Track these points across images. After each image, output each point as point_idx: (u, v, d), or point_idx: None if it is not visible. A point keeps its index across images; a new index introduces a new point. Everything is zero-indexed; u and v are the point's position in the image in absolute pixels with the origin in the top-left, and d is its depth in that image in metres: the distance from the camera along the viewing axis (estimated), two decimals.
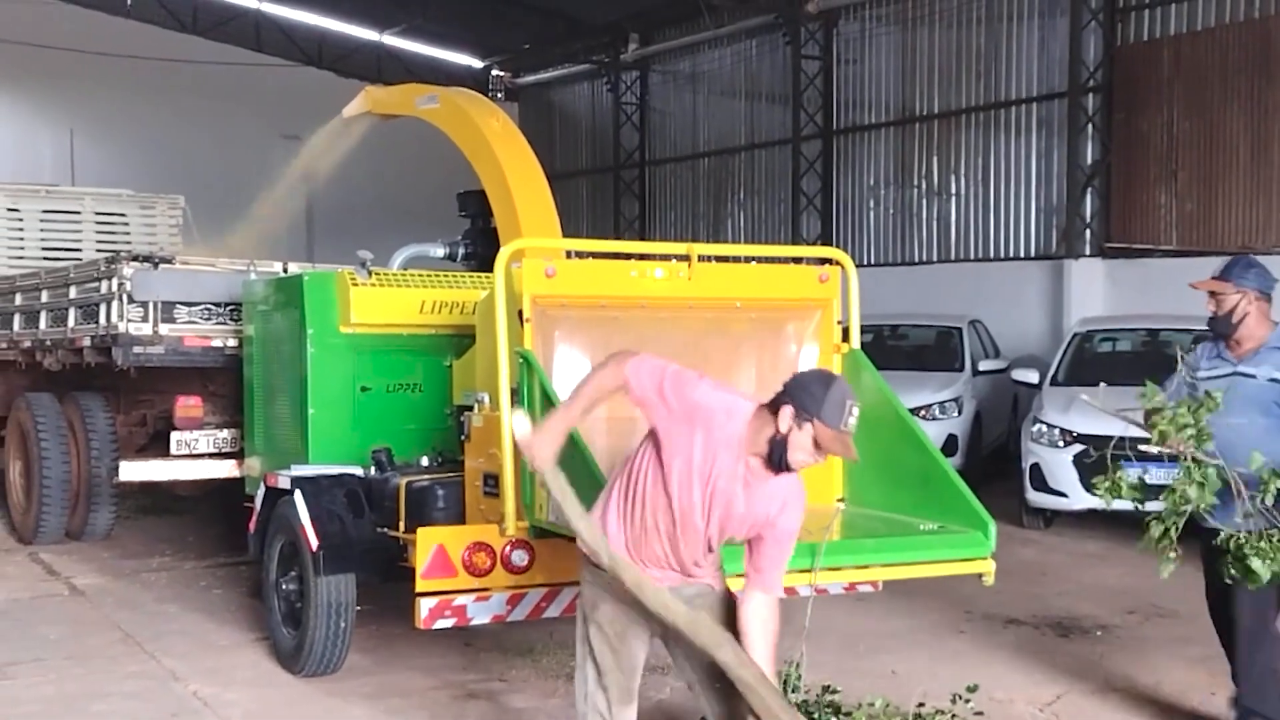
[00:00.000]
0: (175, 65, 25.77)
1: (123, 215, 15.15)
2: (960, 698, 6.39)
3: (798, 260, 8.22)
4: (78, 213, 14.94)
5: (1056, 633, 8.62)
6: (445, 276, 8.50)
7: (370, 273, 8.17)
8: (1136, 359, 13.82)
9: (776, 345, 7.22)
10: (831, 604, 7.70)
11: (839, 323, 7.19)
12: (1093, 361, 13.50)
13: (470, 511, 6.98)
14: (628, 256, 7.30)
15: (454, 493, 7.09)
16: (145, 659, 7.89)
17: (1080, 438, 11.62)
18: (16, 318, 11.71)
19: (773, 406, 4.44)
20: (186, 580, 10.06)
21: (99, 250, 13.93)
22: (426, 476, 7.32)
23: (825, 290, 7.17)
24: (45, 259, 14.02)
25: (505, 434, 5.39)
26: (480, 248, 10.16)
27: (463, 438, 7.03)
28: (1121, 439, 11.34)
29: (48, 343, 11.03)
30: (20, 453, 11.49)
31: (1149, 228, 17.95)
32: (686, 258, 6.82)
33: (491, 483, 6.62)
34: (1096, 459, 6.39)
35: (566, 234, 10.57)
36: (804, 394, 4.41)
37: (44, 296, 11.23)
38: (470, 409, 6.97)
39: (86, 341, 10.22)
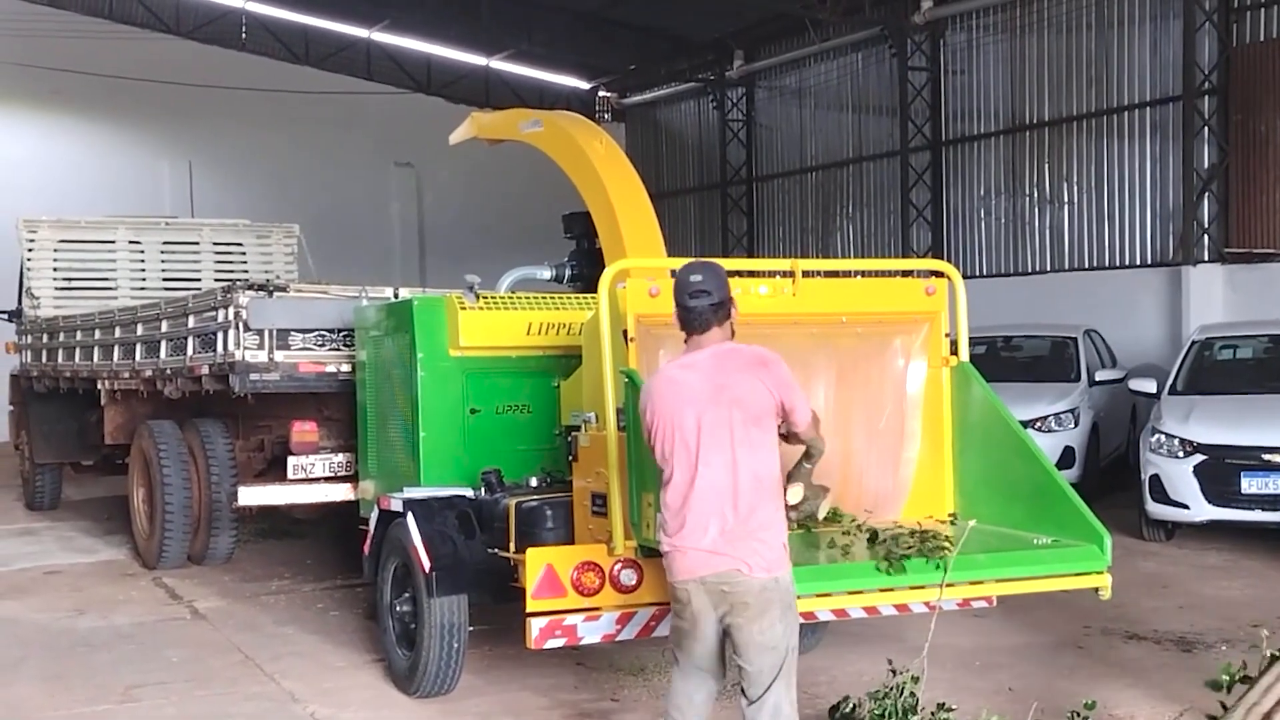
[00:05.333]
0: (289, 96, 26.31)
1: (239, 245, 15.49)
2: (1078, 714, 6.27)
3: (905, 273, 8.14)
4: (196, 243, 15.31)
5: (1179, 648, 8.43)
6: (551, 298, 8.55)
7: (478, 296, 8.24)
8: (1259, 366, 13.51)
9: (883, 359, 7.17)
10: (946, 620, 7.56)
11: (947, 335, 7.12)
12: (1212, 369, 13.21)
13: (579, 531, 7.00)
14: (732, 274, 7.27)
15: (563, 513, 7.11)
16: (265, 680, 8.03)
17: (1201, 448, 11.39)
18: (138, 348, 11.97)
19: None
20: (304, 602, 10.21)
21: (217, 280, 14.24)
22: (535, 497, 7.35)
23: (932, 303, 7.11)
24: (166, 289, 14.35)
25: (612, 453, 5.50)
26: (586, 269, 10.19)
27: (570, 458, 7.06)
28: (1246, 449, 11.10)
29: (168, 371, 11.24)
30: (143, 480, 11.74)
31: (1270, 231, 17.54)
32: (791, 273, 6.81)
33: (599, 502, 6.64)
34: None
35: (675, 252, 10.54)
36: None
37: (164, 326, 11.46)
38: (578, 429, 6.99)
39: (205, 369, 10.41)
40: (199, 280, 14.72)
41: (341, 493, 10.25)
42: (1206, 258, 17.96)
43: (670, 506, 5.15)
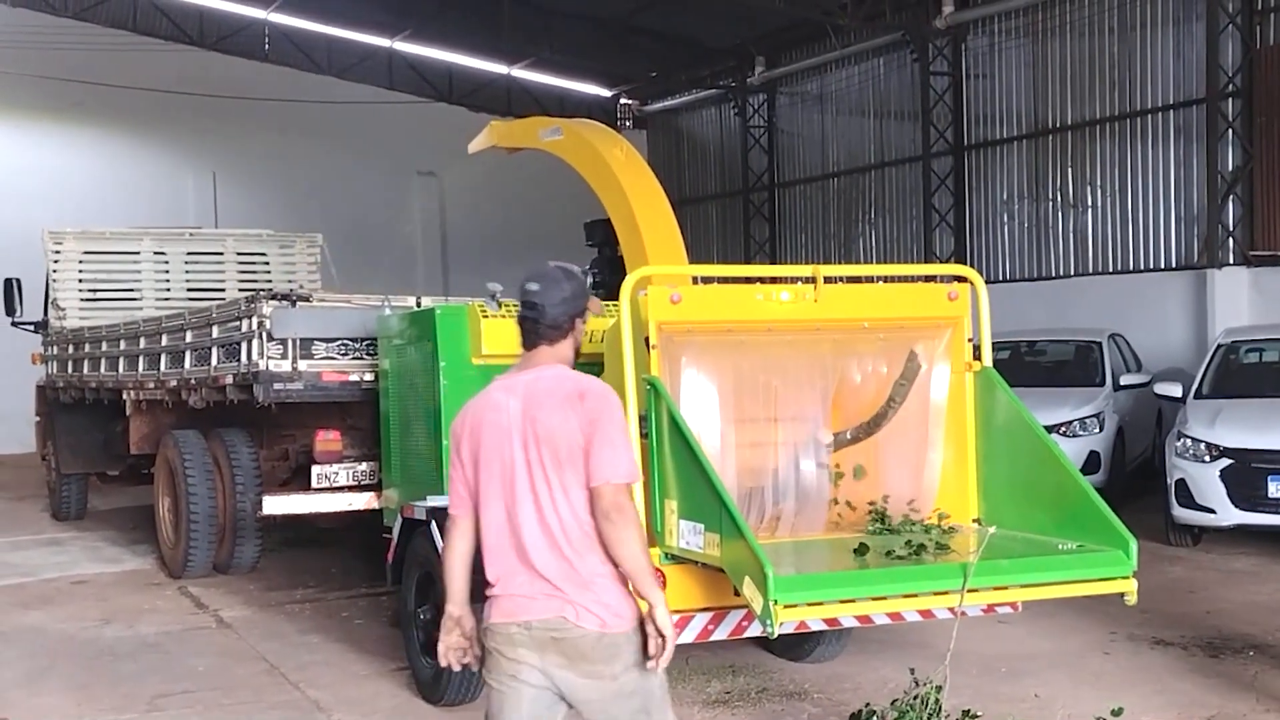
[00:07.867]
0: (312, 106, 26.43)
1: (263, 255, 15.56)
2: None
3: (928, 279, 8.12)
4: (220, 254, 15.38)
5: (1206, 653, 8.37)
6: None
7: (500, 304, 8.25)
8: None
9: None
10: (971, 626, 7.55)
11: (970, 340, 7.10)
12: (1238, 373, 13.15)
13: None
14: (753, 280, 7.28)
15: None
16: (289, 689, 8.04)
17: (1227, 452, 11.34)
18: (163, 358, 12.03)
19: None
20: (329, 611, 10.22)
21: (241, 290, 14.29)
22: None
23: (955, 308, 7.08)
24: (190, 299, 14.40)
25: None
26: (607, 276, 10.21)
27: None
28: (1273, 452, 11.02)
29: (192, 381, 11.29)
30: (169, 489, 11.77)
31: None
32: (812, 279, 6.80)
33: None
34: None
35: (697, 259, 10.59)
36: None
37: (188, 336, 11.51)
38: None
39: (229, 379, 10.45)
40: (223, 290, 14.79)
41: (365, 501, 10.31)
42: (1231, 261, 17.86)
43: (489, 546, 4.38)
